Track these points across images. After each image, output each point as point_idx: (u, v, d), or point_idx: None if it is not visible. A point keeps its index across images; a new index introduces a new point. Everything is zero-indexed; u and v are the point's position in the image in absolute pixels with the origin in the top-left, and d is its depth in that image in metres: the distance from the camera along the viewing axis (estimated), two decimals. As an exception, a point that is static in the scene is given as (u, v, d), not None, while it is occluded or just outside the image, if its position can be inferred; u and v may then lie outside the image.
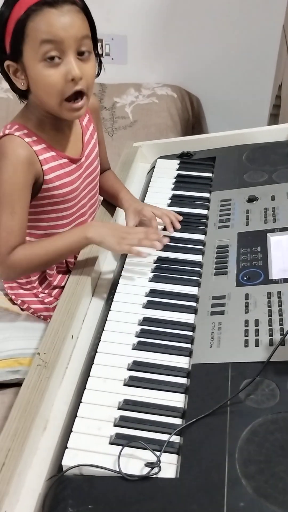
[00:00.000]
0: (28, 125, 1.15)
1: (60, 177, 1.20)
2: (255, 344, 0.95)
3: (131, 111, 2.50)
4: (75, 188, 1.24)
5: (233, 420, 0.84)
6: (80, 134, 1.26)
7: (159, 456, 0.81)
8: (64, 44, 1.03)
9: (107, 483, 0.79)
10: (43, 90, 1.07)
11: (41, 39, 1.02)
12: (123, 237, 1.14)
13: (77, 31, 1.04)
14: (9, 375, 1.22)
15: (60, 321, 1.04)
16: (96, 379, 0.95)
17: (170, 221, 1.28)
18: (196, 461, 0.80)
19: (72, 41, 1.04)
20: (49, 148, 1.17)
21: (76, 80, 1.05)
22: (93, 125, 1.31)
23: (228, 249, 1.18)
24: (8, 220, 1.13)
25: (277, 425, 0.82)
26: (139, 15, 2.54)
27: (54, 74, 1.05)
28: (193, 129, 2.71)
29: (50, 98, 1.07)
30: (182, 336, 1.02)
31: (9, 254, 1.14)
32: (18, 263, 1.15)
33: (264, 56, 2.53)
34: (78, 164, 1.24)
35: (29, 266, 1.18)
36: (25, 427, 0.85)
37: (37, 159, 1.14)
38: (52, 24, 1.02)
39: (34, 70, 1.05)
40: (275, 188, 1.32)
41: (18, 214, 1.13)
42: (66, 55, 1.04)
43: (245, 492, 0.74)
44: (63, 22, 1.02)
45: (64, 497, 0.78)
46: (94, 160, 1.30)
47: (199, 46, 2.57)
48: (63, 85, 1.06)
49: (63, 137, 1.21)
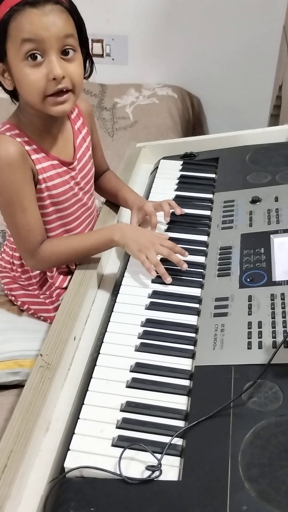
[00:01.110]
0: (20, 125, 1.15)
1: (53, 178, 1.20)
2: (258, 346, 0.94)
3: (131, 111, 2.50)
4: (69, 188, 1.24)
5: (236, 422, 0.83)
6: (72, 138, 1.25)
7: (161, 459, 0.81)
8: (45, 43, 1.03)
9: (109, 486, 0.79)
10: (25, 88, 1.07)
11: (22, 38, 1.02)
12: (146, 247, 1.15)
13: (59, 30, 1.04)
14: (9, 377, 1.22)
15: (63, 323, 1.04)
16: (98, 380, 0.94)
17: (170, 208, 1.30)
18: (199, 464, 0.79)
19: (54, 40, 1.04)
20: (41, 149, 1.17)
21: (58, 79, 1.05)
22: (86, 129, 1.31)
23: (231, 250, 1.18)
24: (22, 218, 1.14)
25: (280, 428, 0.82)
26: (140, 16, 2.53)
27: (35, 73, 1.05)
28: (193, 129, 2.71)
29: (32, 96, 1.07)
30: (184, 338, 1.02)
31: (37, 250, 1.18)
32: (47, 259, 1.20)
33: (265, 56, 2.53)
34: (71, 167, 1.24)
35: (57, 261, 1.23)
36: (27, 428, 0.85)
37: (29, 157, 1.14)
38: (33, 23, 1.02)
39: (17, 69, 1.06)
40: (279, 189, 1.32)
41: (29, 209, 1.15)
42: (48, 54, 1.04)
43: (248, 496, 0.74)
44: (44, 22, 1.02)
45: (66, 499, 0.77)
46: (88, 163, 1.30)
47: (200, 47, 2.57)
48: (45, 84, 1.06)
49: (54, 140, 1.21)
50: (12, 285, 1.38)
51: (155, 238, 1.18)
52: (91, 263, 1.20)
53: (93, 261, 1.20)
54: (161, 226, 1.30)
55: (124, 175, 1.48)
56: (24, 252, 1.21)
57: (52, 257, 1.20)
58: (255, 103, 2.64)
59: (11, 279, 1.38)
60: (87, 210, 1.33)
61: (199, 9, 2.48)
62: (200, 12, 2.49)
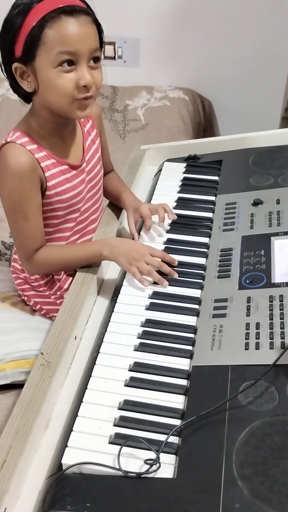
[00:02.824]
0: (30, 132, 1.17)
1: (62, 183, 1.22)
2: (255, 347, 0.95)
3: (143, 113, 2.51)
4: (78, 193, 1.26)
5: (232, 422, 0.84)
6: (81, 141, 1.28)
7: (159, 453, 0.82)
8: (79, 54, 1.07)
9: (105, 482, 0.80)
10: (54, 92, 1.10)
11: (59, 50, 1.05)
12: (135, 259, 1.17)
13: (92, 43, 1.08)
14: (21, 376, 1.23)
15: (64, 322, 1.05)
16: (97, 379, 0.96)
17: (165, 213, 1.31)
18: (194, 462, 0.81)
19: (87, 52, 1.08)
20: (50, 155, 1.19)
21: (88, 87, 1.09)
22: (95, 131, 1.33)
23: (232, 252, 1.19)
24: (23, 226, 1.18)
25: (275, 428, 0.82)
26: (152, 18, 2.54)
27: (66, 77, 1.08)
28: (204, 132, 2.71)
29: (62, 99, 1.10)
30: (183, 338, 1.03)
31: (33, 256, 1.23)
32: (41, 265, 1.25)
33: (276, 59, 2.52)
34: (80, 169, 1.26)
35: (50, 268, 1.28)
36: (26, 425, 0.87)
37: (39, 166, 1.17)
38: (69, 34, 1.05)
39: (46, 74, 1.08)
40: (281, 191, 1.32)
41: (32, 218, 1.18)
42: (80, 63, 1.08)
43: (241, 494, 0.75)
44: (80, 33, 1.06)
45: (63, 495, 0.79)
46: (96, 165, 1.32)
47: (211, 49, 2.57)
48: (74, 90, 1.09)
49: (64, 144, 1.23)
50: (24, 286, 1.41)
51: (144, 249, 1.19)
52: (93, 264, 1.21)
53: (95, 263, 1.22)
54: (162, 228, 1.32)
55: (128, 177, 1.49)
56: (21, 256, 1.26)
57: (45, 264, 1.25)
58: (266, 106, 2.63)
59: (23, 280, 1.40)
60: (97, 211, 1.36)
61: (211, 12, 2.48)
62: (211, 15, 2.49)
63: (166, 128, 2.41)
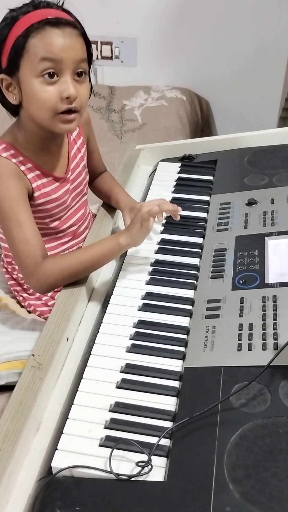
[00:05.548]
0: (15, 144, 1.17)
1: (48, 194, 1.22)
2: (248, 348, 0.94)
3: (140, 113, 2.51)
4: (63, 202, 1.26)
5: (223, 424, 0.84)
6: (67, 150, 1.28)
7: (150, 455, 0.81)
8: (62, 64, 1.06)
9: (95, 486, 0.79)
10: (36, 104, 1.09)
11: (41, 56, 1.04)
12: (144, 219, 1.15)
13: (76, 54, 1.07)
14: (15, 377, 1.22)
15: (56, 323, 1.05)
16: (89, 381, 0.95)
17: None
18: (185, 464, 0.80)
19: (71, 62, 1.06)
20: (35, 167, 1.19)
21: (71, 99, 1.08)
22: (82, 139, 1.33)
23: (225, 252, 1.18)
24: (18, 232, 1.13)
25: (266, 430, 0.82)
26: (149, 18, 2.54)
27: (49, 90, 1.07)
28: (202, 132, 2.71)
29: (43, 111, 1.09)
30: (176, 339, 1.02)
31: (39, 266, 1.13)
32: (50, 274, 1.13)
33: (274, 59, 2.52)
34: (64, 180, 1.26)
35: (61, 275, 1.14)
36: (16, 428, 0.86)
37: (25, 176, 1.17)
38: (53, 43, 1.04)
39: (29, 84, 1.07)
40: (275, 191, 1.32)
41: (26, 223, 1.14)
42: (64, 74, 1.07)
43: (231, 497, 0.74)
44: (64, 43, 1.05)
45: (53, 498, 0.78)
46: (81, 173, 1.32)
47: (209, 49, 2.57)
48: (57, 102, 1.08)
49: (49, 157, 1.22)
50: (18, 288, 1.40)
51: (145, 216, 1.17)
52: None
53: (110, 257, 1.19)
54: (157, 227, 1.31)
55: (122, 177, 1.49)
56: (25, 270, 1.16)
57: (55, 271, 1.13)
58: (264, 106, 2.63)
59: (15, 281, 1.39)
60: (82, 218, 1.36)
61: (208, 12, 2.48)
62: (209, 15, 2.49)
63: (164, 128, 2.41)
